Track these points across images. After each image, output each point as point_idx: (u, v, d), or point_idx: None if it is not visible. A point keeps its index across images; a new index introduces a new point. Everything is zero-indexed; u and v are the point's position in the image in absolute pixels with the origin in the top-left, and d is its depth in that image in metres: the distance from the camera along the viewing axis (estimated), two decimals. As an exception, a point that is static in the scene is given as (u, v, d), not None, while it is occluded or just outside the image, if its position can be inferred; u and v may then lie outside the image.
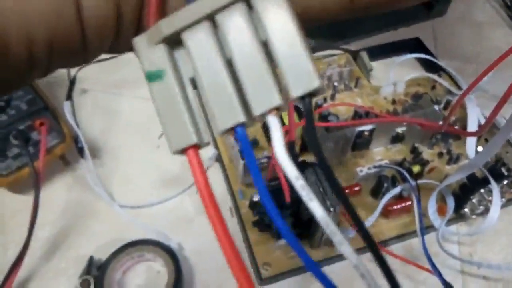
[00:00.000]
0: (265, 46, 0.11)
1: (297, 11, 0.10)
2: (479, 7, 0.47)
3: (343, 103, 0.35)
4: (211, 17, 0.11)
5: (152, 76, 0.11)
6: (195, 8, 0.11)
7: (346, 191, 0.31)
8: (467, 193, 0.30)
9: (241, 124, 0.11)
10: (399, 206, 0.30)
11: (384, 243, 0.30)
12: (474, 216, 0.31)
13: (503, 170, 0.30)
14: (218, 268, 0.28)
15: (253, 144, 0.32)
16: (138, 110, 0.37)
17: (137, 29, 0.13)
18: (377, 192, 0.31)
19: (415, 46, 0.42)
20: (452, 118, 0.33)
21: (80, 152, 0.33)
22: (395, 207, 0.30)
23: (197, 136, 0.11)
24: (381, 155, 0.33)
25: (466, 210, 0.30)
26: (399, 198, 0.30)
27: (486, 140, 0.34)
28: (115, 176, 0.33)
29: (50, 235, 0.30)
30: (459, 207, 0.30)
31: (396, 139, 0.33)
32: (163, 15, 0.11)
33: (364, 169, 0.31)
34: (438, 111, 0.32)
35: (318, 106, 0.34)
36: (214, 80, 0.11)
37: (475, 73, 0.27)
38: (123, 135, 0.35)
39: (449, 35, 0.44)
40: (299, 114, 0.34)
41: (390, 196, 0.30)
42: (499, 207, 0.28)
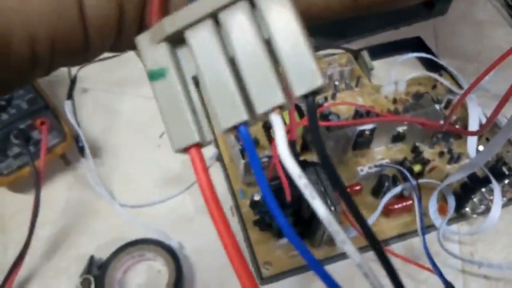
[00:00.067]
0: (268, 44, 0.10)
1: (300, 9, 0.10)
2: (480, 6, 0.47)
3: (344, 102, 0.35)
4: (214, 15, 0.11)
5: (155, 75, 0.11)
6: (198, 6, 0.11)
7: (347, 190, 0.31)
8: (468, 192, 0.30)
9: (244, 123, 0.11)
10: (400, 206, 0.30)
11: (385, 243, 0.30)
12: (475, 215, 0.31)
13: (504, 169, 0.30)
14: (219, 267, 0.28)
15: (254, 144, 0.32)
16: (138, 109, 0.37)
17: (139, 27, 0.13)
18: (378, 191, 0.31)
19: (416, 45, 0.41)
20: (453, 117, 0.33)
21: (81, 151, 0.33)
22: (396, 207, 0.30)
23: (199, 134, 0.11)
24: (382, 155, 0.33)
25: (467, 209, 0.30)
26: (400, 197, 0.30)
27: (487, 140, 0.34)
28: (116, 175, 0.33)
29: (51, 234, 0.30)
30: (460, 207, 0.30)
31: (397, 138, 0.33)
32: (166, 14, 0.11)
33: (365, 168, 0.31)
34: (439, 110, 0.32)
35: (319, 105, 0.34)
36: (217, 79, 0.11)
37: (476, 72, 0.27)
38: (124, 134, 0.35)
39: (450, 34, 0.44)
40: (299, 114, 0.34)
41: (391, 196, 0.30)
42: (500, 207, 0.28)
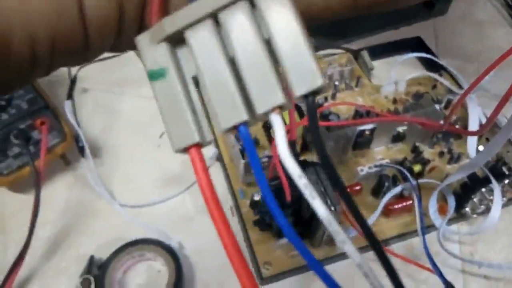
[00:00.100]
0: (268, 44, 0.10)
1: (300, 9, 0.10)
2: (480, 6, 0.47)
3: (344, 102, 0.35)
4: (214, 15, 0.11)
5: (155, 75, 0.11)
6: (198, 6, 0.11)
7: (347, 190, 0.31)
8: (468, 192, 0.30)
9: (244, 123, 0.11)
10: (400, 206, 0.30)
11: (385, 243, 0.30)
12: (475, 215, 0.31)
13: (504, 169, 0.30)
14: (219, 267, 0.28)
15: (254, 144, 0.32)
16: (138, 109, 0.37)
17: (139, 27, 0.13)
18: (378, 191, 0.31)
19: (416, 45, 0.41)
20: (453, 117, 0.33)
21: (81, 151, 0.33)
22: (396, 207, 0.30)
23: (199, 134, 0.11)
24: (382, 155, 0.33)
25: (467, 209, 0.30)
26: (400, 197, 0.30)
27: (487, 140, 0.34)
28: (116, 175, 0.33)
29: (51, 234, 0.30)
30: (460, 207, 0.30)
31: (397, 138, 0.33)
32: (166, 14, 0.11)
33: (365, 168, 0.31)
34: (439, 110, 0.32)
35: (319, 105, 0.34)
36: (217, 79, 0.11)
37: (476, 72, 0.27)
38: (124, 134, 0.35)
39: (450, 34, 0.44)
40: (299, 114, 0.34)
41: (391, 196, 0.30)
42: (500, 207, 0.28)
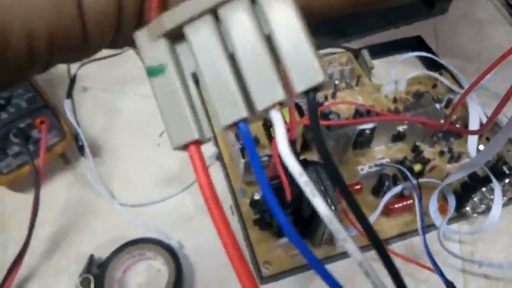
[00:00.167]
0: (268, 40, 0.10)
1: (300, 5, 0.10)
2: (481, 5, 0.47)
3: (344, 102, 0.35)
4: (214, 11, 0.11)
5: (153, 71, 0.11)
6: (197, 2, 0.11)
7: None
8: (468, 191, 0.30)
9: (243, 120, 0.11)
10: (400, 205, 0.30)
11: (386, 242, 0.29)
12: (475, 214, 0.31)
13: (505, 168, 0.30)
14: (219, 266, 0.28)
15: (254, 142, 0.32)
16: (138, 108, 0.37)
17: (138, 23, 0.13)
18: (378, 190, 0.31)
19: (417, 44, 0.41)
20: (453, 116, 0.33)
21: (81, 150, 0.33)
22: (396, 206, 0.30)
23: (198, 131, 0.11)
24: (382, 154, 0.33)
25: (468, 208, 0.30)
26: (400, 196, 0.30)
27: (488, 139, 0.34)
28: (116, 174, 0.33)
29: (51, 233, 0.30)
30: (460, 206, 0.30)
31: (397, 137, 0.33)
32: (165, 9, 0.11)
33: (365, 167, 0.31)
34: (439, 110, 0.32)
35: (320, 104, 0.34)
36: (217, 75, 0.11)
37: (476, 71, 0.27)
38: (124, 133, 0.35)
39: (450, 33, 0.44)
40: (299, 113, 0.34)
41: (391, 195, 0.30)
42: (500, 206, 0.28)
